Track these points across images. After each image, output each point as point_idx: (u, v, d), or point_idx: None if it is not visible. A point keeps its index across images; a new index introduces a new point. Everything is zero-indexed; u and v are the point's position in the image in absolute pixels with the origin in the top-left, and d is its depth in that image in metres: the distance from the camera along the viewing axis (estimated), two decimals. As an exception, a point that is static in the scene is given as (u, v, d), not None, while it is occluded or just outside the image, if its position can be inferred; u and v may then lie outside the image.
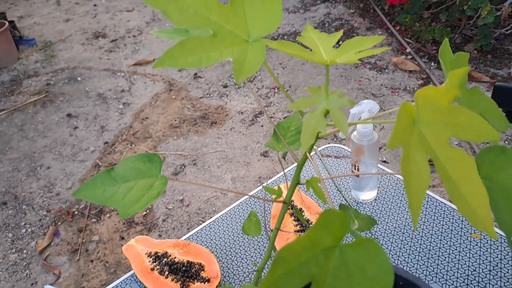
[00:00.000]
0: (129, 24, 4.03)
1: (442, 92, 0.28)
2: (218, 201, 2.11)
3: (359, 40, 0.37)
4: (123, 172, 0.41)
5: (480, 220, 0.28)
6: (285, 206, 0.49)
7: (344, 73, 2.91)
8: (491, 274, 0.79)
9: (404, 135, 0.28)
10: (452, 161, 0.28)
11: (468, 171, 0.28)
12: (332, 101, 0.31)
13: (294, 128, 0.50)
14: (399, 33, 3.21)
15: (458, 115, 0.28)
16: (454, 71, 0.28)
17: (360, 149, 0.89)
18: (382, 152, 2.26)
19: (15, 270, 1.93)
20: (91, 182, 0.41)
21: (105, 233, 2.04)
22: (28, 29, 4.17)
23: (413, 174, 0.27)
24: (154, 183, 0.40)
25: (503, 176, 0.32)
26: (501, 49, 2.87)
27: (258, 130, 2.53)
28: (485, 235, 0.86)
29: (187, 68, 3.38)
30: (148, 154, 0.42)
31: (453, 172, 0.28)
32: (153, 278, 0.84)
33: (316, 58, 0.35)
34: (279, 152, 0.52)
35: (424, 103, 0.28)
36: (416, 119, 0.29)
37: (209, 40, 0.34)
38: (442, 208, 0.93)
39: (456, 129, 0.28)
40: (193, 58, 0.34)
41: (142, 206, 0.39)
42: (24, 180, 2.41)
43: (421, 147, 0.28)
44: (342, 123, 0.30)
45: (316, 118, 0.31)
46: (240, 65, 0.33)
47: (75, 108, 2.96)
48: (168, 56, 0.34)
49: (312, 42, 0.38)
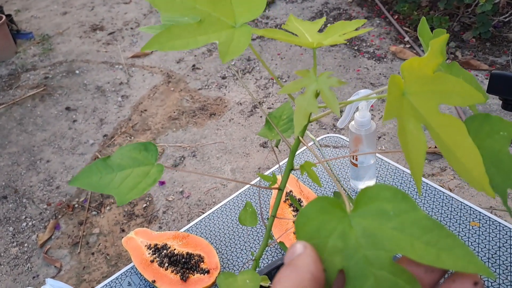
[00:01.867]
0: (126, 16, 4.01)
1: (426, 61, 0.29)
2: (218, 192, 2.11)
3: (342, 23, 0.38)
4: (119, 161, 0.41)
5: (476, 181, 0.29)
6: (280, 193, 0.49)
7: (342, 62, 2.90)
8: (489, 262, 0.79)
9: (396, 107, 0.29)
10: (444, 127, 0.29)
11: (459, 135, 0.29)
12: (321, 82, 0.32)
13: (286, 116, 0.50)
14: (397, 22, 3.19)
15: (443, 82, 0.29)
16: (434, 40, 0.29)
17: (358, 139, 0.89)
18: (380, 141, 2.26)
19: (17, 263, 1.94)
20: (87, 170, 0.41)
21: (105, 226, 2.05)
22: (26, 23, 4.15)
23: (410, 143, 0.29)
24: (150, 170, 0.40)
25: (489, 142, 0.33)
26: (499, 37, 2.86)
27: (257, 121, 2.53)
28: (483, 223, 0.86)
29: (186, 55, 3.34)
30: (143, 142, 0.43)
31: (447, 138, 0.29)
32: (153, 270, 0.84)
33: (302, 41, 0.36)
34: (272, 141, 0.52)
35: (410, 74, 0.29)
36: (404, 91, 0.30)
37: (196, 26, 0.35)
38: (440, 196, 0.93)
39: (443, 95, 0.29)
40: (180, 42, 0.35)
41: (139, 193, 0.39)
42: (24, 174, 2.41)
43: (413, 117, 0.29)
44: (333, 103, 0.31)
45: (307, 100, 0.32)
46: (226, 47, 0.35)
47: (74, 101, 2.95)
48: (156, 40, 0.35)
49: (297, 29, 0.39)
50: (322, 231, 0.28)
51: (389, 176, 1.00)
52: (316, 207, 0.28)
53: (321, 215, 0.28)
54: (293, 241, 0.85)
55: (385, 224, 0.27)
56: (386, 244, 0.26)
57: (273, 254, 0.87)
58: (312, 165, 0.37)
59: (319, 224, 0.28)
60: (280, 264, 0.59)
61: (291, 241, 0.85)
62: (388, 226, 0.27)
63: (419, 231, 0.26)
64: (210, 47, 3.34)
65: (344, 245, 0.27)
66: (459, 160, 0.29)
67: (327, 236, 0.27)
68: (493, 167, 0.32)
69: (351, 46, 3.06)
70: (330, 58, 2.97)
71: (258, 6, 0.36)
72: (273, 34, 0.34)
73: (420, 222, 0.26)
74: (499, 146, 0.32)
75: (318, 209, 0.28)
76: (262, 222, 0.92)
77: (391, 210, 0.27)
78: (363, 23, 0.37)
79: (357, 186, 0.97)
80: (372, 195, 0.28)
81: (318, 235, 0.27)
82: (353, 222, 0.28)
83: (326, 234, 0.28)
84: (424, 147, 0.29)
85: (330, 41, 0.35)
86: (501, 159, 0.32)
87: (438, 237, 0.25)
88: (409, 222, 0.26)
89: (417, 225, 0.26)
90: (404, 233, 0.26)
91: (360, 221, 0.28)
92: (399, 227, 0.26)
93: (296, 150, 0.38)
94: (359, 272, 0.26)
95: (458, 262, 0.25)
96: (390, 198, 0.27)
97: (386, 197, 0.27)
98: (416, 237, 0.26)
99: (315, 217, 0.28)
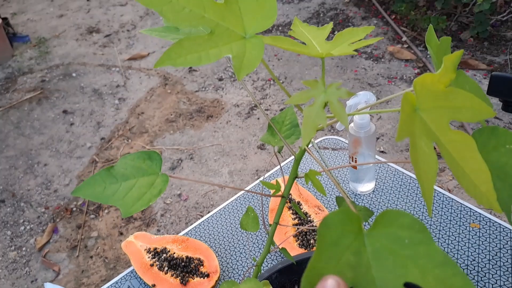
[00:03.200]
0: (122, 18, 4.00)
1: (438, 77, 0.29)
2: (215, 195, 2.10)
3: (351, 31, 0.38)
4: (123, 170, 0.41)
5: (485, 196, 0.29)
6: (283, 200, 0.48)
7: (340, 63, 2.90)
8: (490, 263, 0.79)
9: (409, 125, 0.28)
10: (454, 143, 0.29)
11: (469, 150, 0.29)
12: (330, 93, 0.32)
13: (289, 122, 0.50)
14: (394, 22, 3.19)
15: (454, 97, 0.29)
16: (448, 56, 0.29)
17: (358, 141, 0.89)
18: (379, 142, 2.26)
19: (15, 267, 1.93)
20: (91, 180, 0.41)
21: (103, 229, 2.04)
22: (22, 26, 4.14)
23: (421, 161, 0.28)
24: (155, 181, 0.40)
25: (496, 156, 0.32)
26: (497, 36, 2.86)
27: (255, 123, 2.52)
28: (483, 224, 0.86)
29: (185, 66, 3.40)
30: (147, 151, 0.42)
31: (456, 153, 0.29)
32: (152, 274, 0.84)
33: (311, 51, 0.35)
34: (274, 147, 0.52)
35: (422, 89, 0.29)
36: (416, 107, 0.29)
37: (207, 38, 0.35)
38: (441, 198, 0.93)
39: (454, 111, 0.29)
40: (192, 56, 0.34)
41: (144, 205, 0.39)
42: (22, 177, 2.40)
43: (425, 134, 0.29)
44: (342, 115, 0.31)
45: (315, 111, 0.31)
46: (239, 62, 0.34)
47: (71, 104, 2.94)
48: (167, 56, 0.34)
49: (303, 35, 0.39)
50: (340, 243, 0.27)
51: (388, 178, 1.00)
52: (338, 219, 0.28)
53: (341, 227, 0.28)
54: (292, 245, 0.84)
55: (399, 251, 0.27)
56: (397, 270, 0.26)
57: (272, 258, 0.87)
58: (316, 173, 0.37)
59: (338, 236, 0.27)
60: (280, 268, 0.59)
61: (290, 245, 0.84)
62: (402, 254, 0.27)
63: (432, 265, 0.26)
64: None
65: (357, 263, 0.27)
66: (468, 176, 0.28)
67: (344, 250, 0.27)
68: (499, 181, 0.32)
69: (348, 46, 3.06)
70: (327, 59, 2.96)
71: (269, 15, 0.35)
72: (281, 44, 0.33)
73: (433, 256, 0.26)
74: (505, 159, 0.32)
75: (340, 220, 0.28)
76: (262, 227, 0.91)
77: (406, 238, 0.27)
78: (371, 30, 0.37)
79: (356, 188, 0.97)
80: (390, 219, 0.28)
81: (336, 247, 0.27)
82: (367, 242, 0.28)
83: (343, 248, 0.27)
84: (435, 167, 0.28)
85: (339, 52, 0.34)
86: (507, 172, 0.32)
87: (450, 274, 0.25)
88: (423, 253, 0.26)
89: (431, 258, 0.26)
90: (417, 264, 0.26)
91: (374, 242, 0.28)
92: (413, 257, 0.26)
93: (301, 159, 0.38)
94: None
95: None
96: (407, 226, 0.27)
97: (404, 224, 0.27)
98: (428, 269, 0.26)
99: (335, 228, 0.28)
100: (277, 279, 0.59)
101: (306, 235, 0.86)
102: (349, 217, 0.28)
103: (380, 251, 0.27)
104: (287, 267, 0.59)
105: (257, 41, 0.34)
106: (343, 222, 0.28)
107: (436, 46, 0.36)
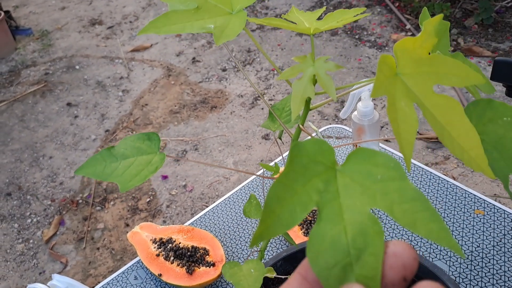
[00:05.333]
0: (125, 10, 3.99)
1: (420, 42, 0.29)
2: (221, 186, 2.11)
3: (341, 12, 0.38)
4: (123, 150, 0.43)
5: (474, 161, 0.29)
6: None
7: (343, 52, 2.89)
8: (494, 249, 0.79)
9: (387, 86, 0.28)
10: (439, 107, 0.29)
11: (456, 115, 0.28)
12: (318, 66, 0.32)
13: (289, 108, 0.51)
14: (398, 10, 3.17)
15: (439, 63, 0.29)
16: (428, 20, 0.29)
17: (361, 129, 0.89)
18: (384, 131, 2.25)
19: (23, 260, 1.95)
20: (92, 160, 0.43)
21: (110, 221, 2.05)
22: (24, 19, 4.14)
23: (401, 120, 0.28)
24: (152, 159, 0.42)
25: (493, 127, 0.32)
26: (502, 23, 2.84)
27: (259, 113, 2.52)
28: (488, 211, 0.86)
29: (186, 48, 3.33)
30: (147, 133, 0.44)
31: (442, 117, 0.29)
32: (158, 264, 0.84)
33: (299, 27, 0.36)
34: (275, 132, 0.52)
35: (403, 55, 0.29)
36: (398, 71, 0.29)
37: (193, 12, 0.36)
38: (444, 185, 0.93)
39: (439, 76, 0.29)
40: (177, 26, 0.36)
41: (141, 180, 0.40)
42: (27, 170, 2.42)
43: (406, 96, 0.29)
44: (329, 87, 0.31)
45: (303, 84, 0.32)
46: (220, 31, 0.35)
47: (75, 96, 2.95)
48: (152, 25, 0.36)
49: (297, 19, 0.39)
50: (310, 168, 0.27)
51: (392, 165, 1.00)
52: (313, 145, 0.28)
53: (313, 155, 0.27)
54: (297, 234, 0.85)
55: (369, 185, 0.27)
56: (364, 199, 0.26)
57: (277, 246, 0.87)
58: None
59: (308, 161, 0.27)
60: (285, 256, 0.59)
61: (295, 233, 0.85)
62: (372, 187, 0.27)
63: (401, 199, 0.26)
64: (210, 39, 3.32)
65: (324, 189, 0.27)
66: (455, 140, 0.28)
67: (313, 175, 0.27)
68: (495, 152, 0.32)
69: (352, 35, 3.04)
70: (331, 47, 2.95)
71: None
72: (271, 21, 0.34)
73: (405, 191, 0.26)
74: (503, 131, 0.32)
75: (316, 149, 0.28)
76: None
77: (379, 175, 0.27)
78: (362, 11, 0.37)
79: (360, 176, 0.97)
80: (364, 157, 0.28)
81: (306, 170, 0.27)
82: (338, 175, 0.28)
83: (313, 173, 0.27)
84: (415, 125, 0.28)
85: (327, 27, 0.35)
86: (504, 144, 0.32)
87: (418, 208, 0.25)
88: (394, 188, 0.26)
89: (401, 193, 0.26)
90: (385, 196, 0.26)
91: (345, 175, 0.27)
92: (382, 191, 0.26)
93: (297, 139, 0.38)
94: (331, 215, 0.26)
95: (432, 234, 0.25)
96: (382, 164, 0.27)
97: (378, 162, 0.27)
98: (397, 202, 0.26)
99: (306, 153, 0.27)
100: (282, 267, 0.59)
101: (311, 223, 0.86)
102: (322, 147, 0.28)
103: (351, 184, 0.27)
104: (292, 255, 0.59)
105: (241, 15, 0.36)
106: (316, 151, 0.28)
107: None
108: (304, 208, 0.26)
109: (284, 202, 0.26)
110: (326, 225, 0.26)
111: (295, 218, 0.26)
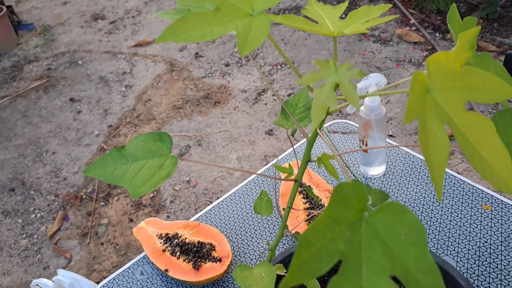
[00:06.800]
0: (127, 4, 3.98)
1: (453, 56, 0.28)
2: (224, 181, 2.11)
3: (365, 9, 0.37)
4: (134, 151, 0.41)
5: (503, 182, 0.28)
6: (296, 184, 0.48)
7: (347, 46, 2.87)
8: (502, 245, 0.79)
9: (419, 106, 0.27)
10: (470, 125, 0.27)
11: (487, 134, 0.27)
12: (341, 74, 0.31)
13: (303, 104, 0.49)
14: (402, 4, 3.15)
15: (471, 77, 0.27)
16: (464, 33, 0.27)
17: (368, 124, 0.88)
18: (388, 126, 2.24)
19: (27, 255, 1.95)
20: (101, 160, 0.41)
21: (114, 216, 2.05)
22: (26, 14, 4.13)
23: (432, 145, 0.27)
24: (164, 162, 0.40)
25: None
26: (507, 17, 2.82)
27: (262, 108, 2.51)
28: (495, 206, 0.86)
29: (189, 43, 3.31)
30: (158, 132, 0.42)
31: (472, 137, 0.27)
32: (165, 259, 0.84)
33: (323, 30, 0.35)
34: (288, 130, 0.51)
35: (436, 69, 0.28)
36: (429, 87, 0.28)
37: (212, 15, 0.34)
38: (452, 180, 0.92)
39: (471, 92, 0.28)
40: (196, 32, 0.33)
41: (153, 186, 0.39)
42: (31, 166, 2.42)
43: (437, 116, 0.28)
44: (353, 97, 0.30)
45: (325, 93, 0.30)
46: (243, 39, 0.33)
47: (78, 92, 2.95)
48: (170, 32, 0.33)
49: (317, 15, 0.38)
50: (342, 213, 0.27)
51: (399, 161, 0.99)
52: (351, 189, 0.28)
53: (348, 199, 0.28)
54: (304, 229, 0.84)
55: (392, 244, 0.27)
56: (384, 262, 0.27)
57: (284, 242, 0.87)
58: (330, 157, 0.36)
59: (344, 206, 0.27)
60: (293, 252, 0.59)
61: (302, 230, 0.84)
62: (393, 248, 0.27)
63: (417, 267, 0.26)
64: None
65: (351, 239, 0.27)
66: (485, 160, 0.27)
67: (343, 220, 0.27)
68: None
69: (355, 30, 3.03)
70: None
71: None
72: (292, 22, 0.32)
73: (421, 261, 0.26)
74: None
75: (352, 193, 0.28)
76: (276, 211, 0.91)
77: (402, 235, 0.27)
78: (387, 8, 0.36)
79: (367, 172, 0.97)
80: (394, 211, 0.28)
81: (338, 216, 0.27)
82: (364, 225, 0.28)
83: (343, 218, 0.27)
84: (446, 151, 0.27)
85: (351, 30, 0.34)
86: None
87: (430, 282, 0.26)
88: (413, 255, 0.26)
89: (418, 262, 0.26)
90: (403, 264, 0.26)
91: (370, 226, 0.28)
92: (402, 256, 0.27)
93: (314, 142, 0.37)
94: (351, 273, 0.27)
95: None
96: (407, 223, 0.27)
97: (404, 220, 0.27)
98: (412, 271, 0.26)
99: (343, 199, 0.28)
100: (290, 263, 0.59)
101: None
102: (357, 191, 0.28)
103: (374, 237, 0.27)
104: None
105: (264, 18, 0.34)
106: (351, 194, 0.28)
107: (459, 26, 0.35)
108: (330, 257, 0.27)
109: (313, 247, 0.27)
110: (345, 281, 0.26)
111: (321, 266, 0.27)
